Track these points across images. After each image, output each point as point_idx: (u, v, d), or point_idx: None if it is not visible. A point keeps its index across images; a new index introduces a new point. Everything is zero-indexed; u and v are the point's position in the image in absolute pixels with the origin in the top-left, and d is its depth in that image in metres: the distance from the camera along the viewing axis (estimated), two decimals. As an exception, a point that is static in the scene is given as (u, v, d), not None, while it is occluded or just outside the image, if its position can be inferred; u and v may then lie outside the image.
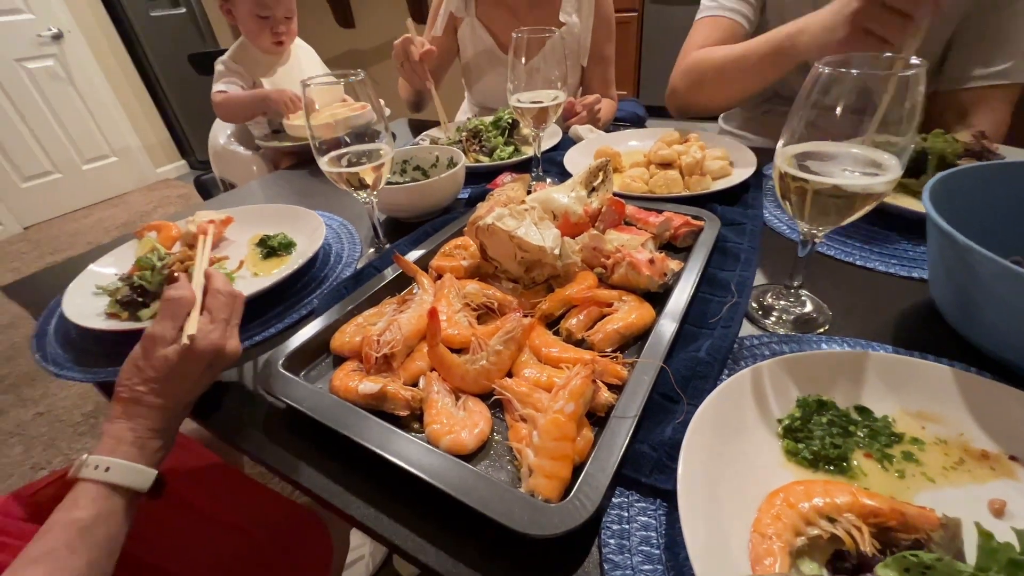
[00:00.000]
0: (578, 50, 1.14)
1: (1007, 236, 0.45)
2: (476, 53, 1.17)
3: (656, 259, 0.50)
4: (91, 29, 3.11)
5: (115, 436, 0.37)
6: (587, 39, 1.13)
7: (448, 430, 0.37)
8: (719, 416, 0.34)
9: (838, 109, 0.36)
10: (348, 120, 0.56)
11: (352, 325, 0.47)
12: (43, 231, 3.01)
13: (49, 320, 0.58)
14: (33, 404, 1.66)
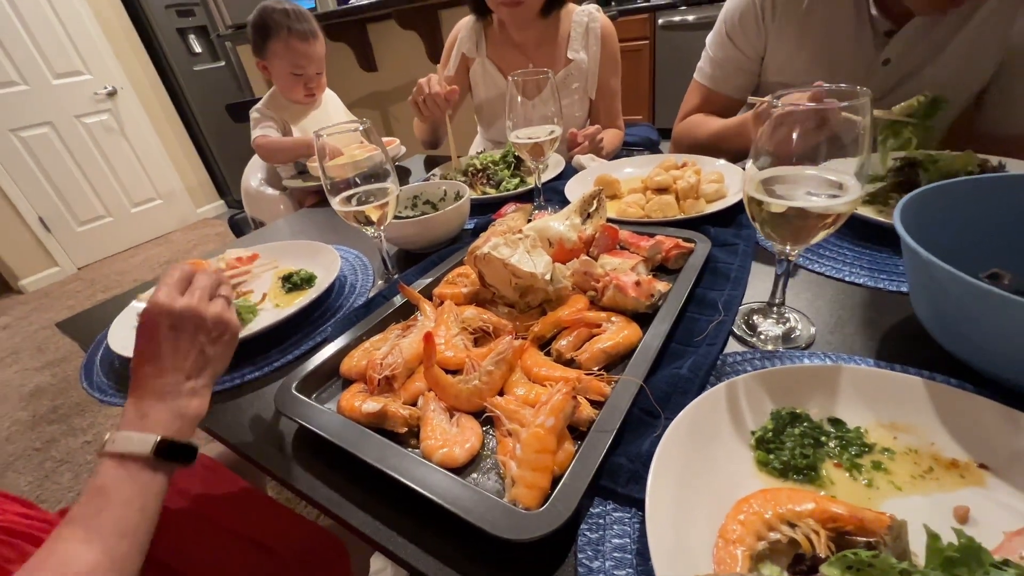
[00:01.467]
0: (586, 84, 1.20)
1: (985, 249, 0.46)
2: (488, 96, 1.24)
3: (643, 281, 0.52)
4: (141, 85, 3.40)
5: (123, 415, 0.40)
6: (595, 74, 1.19)
7: (441, 445, 0.40)
8: (693, 428, 0.36)
9: (795, 138, 0.39)
10: (358, 162, 0.62)
11: (360, 350, 0.52)
12: (95, 270, 3.23)
13: (96, 352, 0.65)
14: (82, 433, 1.77)
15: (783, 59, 0.88)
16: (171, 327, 0.41)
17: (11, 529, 0.52)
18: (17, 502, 0.56)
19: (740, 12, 0.90)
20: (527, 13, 1.07)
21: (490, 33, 1.21)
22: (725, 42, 0.93)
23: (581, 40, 1.16)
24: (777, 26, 0.86)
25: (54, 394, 2.01)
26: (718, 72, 0.95)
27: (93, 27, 3.11)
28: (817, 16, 0.82)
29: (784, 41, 0.87)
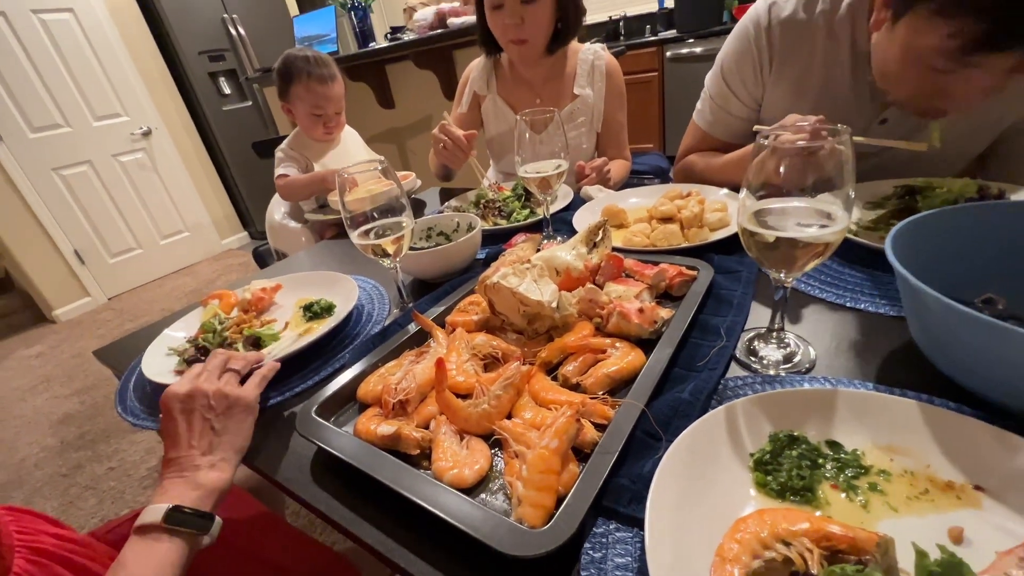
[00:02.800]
0: (592, 117, 1.25)
1: (981, 274, 0.47)
2: (499, 130, 1.30)
3: (646, 308, 0.54)
4: (174, 124, 3.60)
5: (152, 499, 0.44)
6: (600, 108, 1.24)
7: (452, 466, 0.42)
8: (693, 450, 0.38)
9: (783, 171, 0.41)
10: (375, 196, 0.66)
11: (375, 376, 0.54)
12: (124, 300, 3.36)
13: (130, 378, 0.69)
14: (107, 459, 1.82)
15: (779, 111, 0.85)
16: (181, 409, 0.47)
17: (41, 549, 0.54)
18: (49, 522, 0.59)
19: (738, 57, 0.88)
20: (533, 50, 1.13)
21: (500, 72, 1.27)
22: (723, 86, 0.93)
23: (587, 77, 1.21)
24: (775, 78, 0.86)
25: (82, 420, 2.07)
26: (716, 116, 0.96)
27: (132, 72, 3.33)
28: (815, 75, 0.82)
29: (781, 94, 0.86)
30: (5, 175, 2.88)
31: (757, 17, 0.85)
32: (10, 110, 2.87)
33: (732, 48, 0.90)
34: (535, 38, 1.10)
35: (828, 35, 0.78)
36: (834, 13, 0.77)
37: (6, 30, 2.81)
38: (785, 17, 0.81)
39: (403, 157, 2.76)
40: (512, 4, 1.05)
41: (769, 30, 0.83)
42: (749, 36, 0.86)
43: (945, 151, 0.79)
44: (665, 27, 3.88)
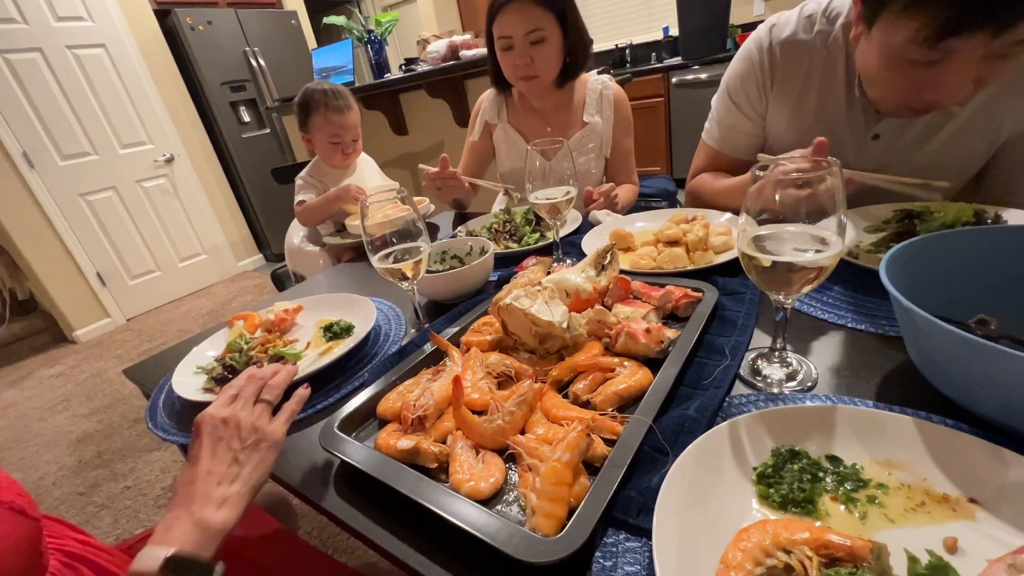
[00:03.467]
0: (601, 144, 1.29)
1: (974, 296, 0.49)
2: (511, 158, 1.34)
3: (652, 328, 0.57)
4: (195, 151, 3.73)
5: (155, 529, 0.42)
6: (609, 135, 1.28)
7: (468, 479, 0.44)
8: (698, 464, 0.40)
9: (777, 200, 0.44)
10: (393, 221, 0.70)
11: (395, 393, 0.57)
12: (142, 321, 3.43)
13: (159, 395, 0.72)
14: (123, 478, 1.84)
15: (782, 126, 0.92)
16: (210, 433, 0.46)
17: (72, 552, 0.56)
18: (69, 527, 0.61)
19: (742, 77, 0.93)
20: (542, 85, 1.19)
21: (510, 103, 1.33)
22: (729, 105, 0.97)
23: (596, 106, 1.26)
24: (776, 96, 0.91)
25: (100, 439, 2.11)
26: (724, 134, 1.00)
27: (157, 102, 3.48)
28: (812, 93, 0.86)
29: (782, 111, 0.91)
30: (34, 200, 3.00)
31: (759, 38, 0.90)
32: (42, 139, 3.01)
33: (736, 68, 0.95)
34: (545, 74, 1.16)
35: (825, 54, 0.83)
36: (829, 33, 0.82)
37: (42, 65, 2.97)
38: (784, 37, 0.86)
39: (416, 182, 2.84)
40: (522, 46, 1.11)
41: (770, 50, 0.88)
42: (752, 56, 0.91)
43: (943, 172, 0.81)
44: (670, 54, 3.98)
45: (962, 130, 0.80)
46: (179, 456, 1.88)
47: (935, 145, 0.82)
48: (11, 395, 2.69)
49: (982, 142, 0.82)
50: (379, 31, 2.46)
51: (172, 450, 1.94)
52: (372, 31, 2.47)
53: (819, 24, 0.83)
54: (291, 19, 4.08)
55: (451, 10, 5.00)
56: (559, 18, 1.11)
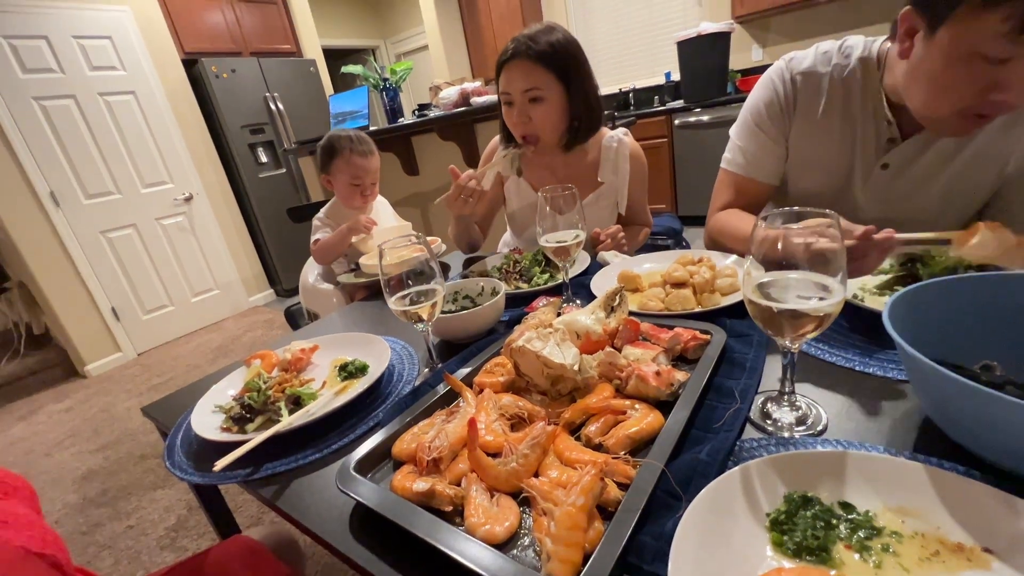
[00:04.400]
0: (615, 202, 1.30)
1: (979, 341, 0.51)
2: (521, 207, 1.35)
3: (663, 371, 0.58)
4: (213, 190, 3.87)
5: None
6: (624, 191, 1.29)
7: (484, 523, 0.44)
8: (712, 509, 0.40)
9: (780, 250, 0.46)
10: (408, 261, 0.73)
11: (409, 434, 0.58)
12: (152, 356, 3.46)
13: (177, 434, 0.73)
14: (126, 517, 1.82)
15: (804, 151, 0.94)
16: None
17: None
18: None
19: (765, 103, 0.96)
20: (543, 144, 1.19)
21: (523, 157, 1.30)
22: (753, 130, 0.98)
23: (611, 165, 1.26)
24: (798, 121, 0.94)
25: (104, 477, 2.09)
26: (749, 159, 1.00)
27: (180, 144, 3.64)
28: (830, 123, 0.90)
29: (803, 135, 0.93)
30: (57, 238, 3.10)
31: (779, 69, 0.95)
32: (70, 179, 3.14)
33: (759, 95, 0.98)
34: (544, 135, 1.17)
35: (841, 86, 0.87)
36: (846, 67, 0.87)
37: (75, 111, 3.14)
38: (803, 69, 0.91)
39: (426, 220, 2.91)
40: (521, 103, 1.13)
41: (792, 79, 0.92)
42: (774, 84, 0.95)
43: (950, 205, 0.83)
44: (672, 97, 4.12)
45: (971, 162, 0.83)
46: (183, 495, 1.87)
47: (943, 177, 0.85)
48: (20, 430, 2.70)
49: (990, 175, 0.84)
50: (394, 79, 2.59)
51: (177, 488, 1.92)
52: (387, 79, 2.60)
53: (835, 58, 0.88)
54: (310, 67, 4.31)
55: (462, 59, 5.25)
56: (561, 79, 1.11)
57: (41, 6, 2.99)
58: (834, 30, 3.49)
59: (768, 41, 3.81)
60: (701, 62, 3.49)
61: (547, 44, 1.08)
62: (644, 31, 4.43)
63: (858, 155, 0.89)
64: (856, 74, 0.86)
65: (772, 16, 3.66)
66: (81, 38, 3.14)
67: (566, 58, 1.10)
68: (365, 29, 6.16)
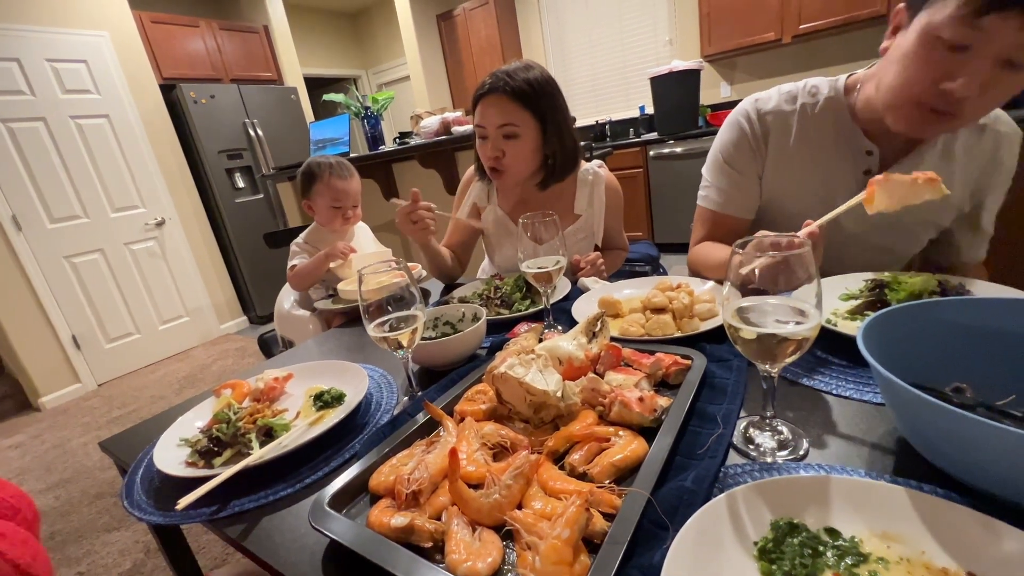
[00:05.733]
0: (592, 233, 1.32)
1: (949, 363, 0.52)
2: (498, 236, 1.35)
3: (646, 397, 0.58)
4: (187, 215, 3.79)
5: None
6: (600, 224, 1.31)
7: (465, 559, 0.42)
8: (699, 539, 0.39)
9: (757, 274, 0.47)
10: (389, 287, 0.71)
11: (387, 466, 0.56)
12: (114, 387, 3.30)
13: (137, 470, 0.69)
14: (76, 562, 1.69)
15: (779, 186, 0.97)
16: None
17: None
18: None
19: (735, 144, 0.98)
20: (511, 181, 1.20)
21: (500, 187, 1.33)
22: (725, 169, 1.01)
23: (587, 198, 1.28)
24: (771, 159, 0.96)
25: (55, 518, 1.95)
26: (723, 196, 1.02)
27: (154, 168, 3.57)
28: (804, 154, 0.93)
29: (777, 170, 0.96)
30: (17, 263, 2.97)
31: (745, 110, 0.97)
32: (34, 203, 3.04)
33: (727, 137, 1.00)
34: (513, 171, 1.17)
35: (811, 123, 0.91)
36: (815, 104, 0.91)
37: (44, 134, 3.07)
38: (770, 108, 0.95)
39: (406, 246, 2.90)
40: (494, 137, 1.13)
41: (759, 119, 0.95)
42: (741, 125, 0.97)
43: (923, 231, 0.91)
44: (647, 130, 4.27)
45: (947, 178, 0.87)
46: (143, 536, 1.75)
47: None
48: (-38, 468, 2.50)
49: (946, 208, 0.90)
50: (376, 108, 2.62)
51: (134, 529, 1.80)
52: (369, 107, 2.63)
53: (801, 97, 0.92)
54: (291, 94, 4.33)
55: (443, 89, 5.37)
56: (536, 117, 1.12)
57: (14, 29, 2.94)
58: (796, 69, 3.71)
59: (735, 79, 4.02)
60: (673, 97, 3.64)
61: (524, 81, 1.09)
62: (619, 66, 4.62)
63: (835, 187, 0.92)
64: (827, 111, 0.90)
65: (739, 56, 3.87)
66: (55, 61, 3.10)
67: (542, 96, 1.11)
68: (347, 59, 6.26)
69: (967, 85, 0.66)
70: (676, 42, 4.20)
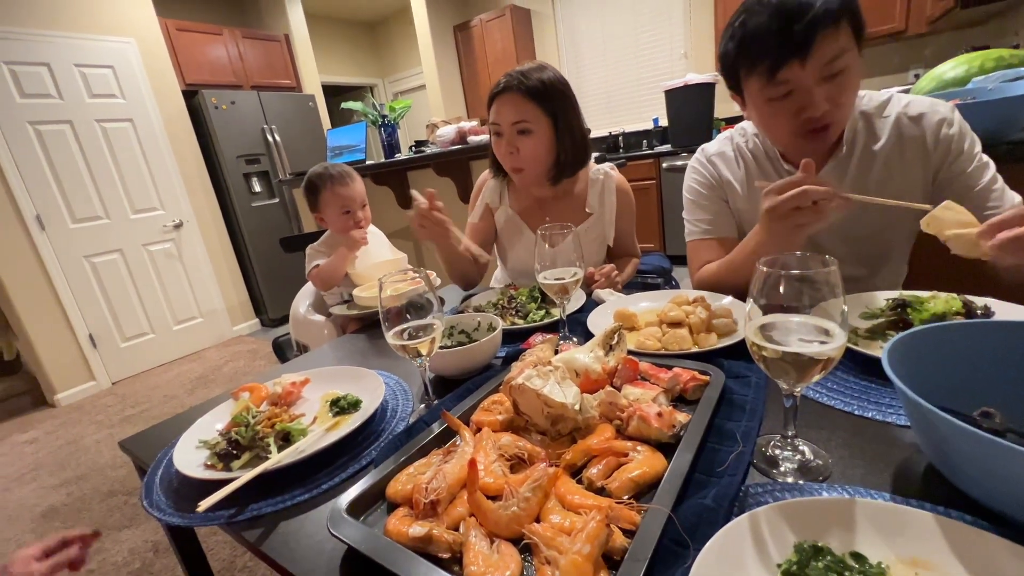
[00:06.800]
0: (604, 232, 1.33)
1: (975, 386, 0.51)
2: (512, 240, 1.37)
3: (664, 412, 0.57)
4: (204, 217, 3.85)
5: None
6: (611, 223, 1.33)
7: (483, 571, 0.42)
8: (721, 559, 0.39)
9: (781, 291, 0.47)
10: (407, 294, 0.72)
11: (405, 474, 0.56)
12: (127, 385, 3.34)
13: (156, 470, 0.70)
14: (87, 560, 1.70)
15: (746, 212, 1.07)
16: None
17: None
18: None
19: (699, 183, 1.10)
20: (529, 177, 1.23)
21: (512, 188, 1.36)
22: (700, 204, 1.10)
23: (598, 197, 1.31)
24: (729, 190, 1.07)
25: (67, 515, 1.97)
26: (707, 225, 1.10)
27: (174, 172, 3.64)
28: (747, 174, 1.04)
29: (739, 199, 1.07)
30: (39, 261, 3.04)
31: (696, 159, 1.12)
32: (58, 203, 3.11)
33: (689, 182, 1.13)
34: (530, 167, 1.20)
35: (750, 155, 1.04)
36: (746, 141, 1.05)
37: (70, 137, 3.15)
38: (714, 152, 1.09)
39: (418, 253, 2.92)
40: (509, 134, 1.17)
41: (708, 162, 1.10)
42: (697, 170, 1.11)
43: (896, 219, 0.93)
44: (660, 142, 4.28)
45: (883, 187, 0.92)
46: (152, 535, 1.76)
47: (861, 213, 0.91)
48: (-21, 462, 2.55)
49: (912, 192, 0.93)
50: (392, 116, 2.65)
51: (143, 528, 1.81)
52: (386, 116, 2.66)
53: (736, 138, 1.07)
54: (308, 101, 4.40)
55: (458, 99, 5.43)
56: (549, 114, 1.15)
57: (45, 35, 3.04)
58: (812, 85, 3.68)
59: (750, 93, 4.01)
60: (688, 110, 3.65)
61: (538, 80, 1.13)
62: (633, 79, 4.65)
63: None
64: (756, 146, 1.04)
65: (754, 70, 3.86)
66: (83, 66, 3.19)
67: (555, 95, 1.15)
68: (364, 68, 6.36)
69: (815, 108, 0.81)
70: (691, 56, 4.21)
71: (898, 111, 0.92)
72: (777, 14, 0.77)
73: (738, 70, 0.87)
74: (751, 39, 0.81)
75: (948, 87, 1.46)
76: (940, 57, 1.63)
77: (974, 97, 1.27)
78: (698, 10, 4.07)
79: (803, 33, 0.76)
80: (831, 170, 0.94)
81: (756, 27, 0.80)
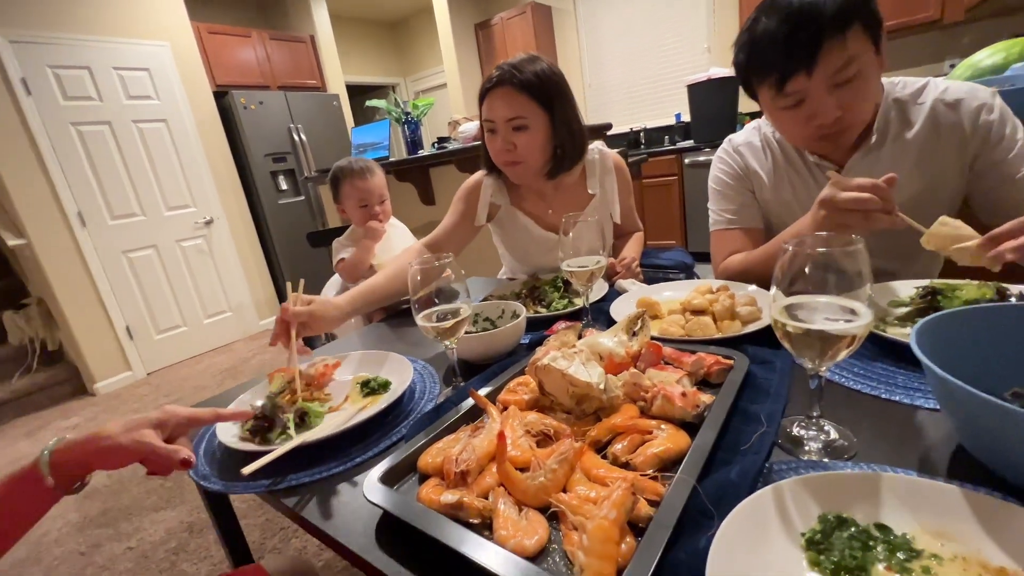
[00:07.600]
0: (609, 211, 1.32)
1: (1003, 371, 0.51)
2: (517, 236, 1.34)
3: (688, 393, 0.58)
4: (233, 214, 3.97)
5: None
6: (615, 201, 1.31)
7: (513, 535, 0.44)
8: (745, 527, 0.40)
9: (807, 272, 0.47)
10: (438, 282, 0.75)
11: (435, 448, 0.58)
12: (161, 376, 3.47)
13: (200, 443, 0.74)
14: (126, 538, 1.79)
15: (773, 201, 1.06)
16: None
17: None
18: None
19: (725, 173, 1.10)
20: (526, 172, 1.18)
21: (511, 184, 1.30)
22: (725, 194, 1.10)
23: (597, 176, 1.28)
24: (755, 178, 1.06)
25: (107, 496, 2.07)
26: (732, 215, 1.09)
27: (205, 170, 3.76)
28: (780, 170, 1.03)
29: (765, 189, 1.06)
30: (81, 256, 3.18)
31: (723, 149, 1.12)
32: (98, 201, 3.25)
33: (716, 171, 1.12)
34: (528, 161, 1.15)
35: (777, 145, 1.03)
36: (773, 133, 1.03)
37: (108, 137, 3.28)
38: (741, 142, 1.09)
39: (439, 248, 2.96)
40: (504, 130, 1.11)
41: (734, 149, 1.09)
42: (723, 159, 1.11)
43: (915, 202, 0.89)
44: (682, 137, 4.23)
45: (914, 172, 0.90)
46: (186, 517, 1.84)
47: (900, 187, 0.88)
48: (24, 446, 2.69)
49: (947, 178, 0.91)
50: (416, 113, 2.70)
51: (179, 509, 1.89)
52: (409, 113, 2.70)
53: (763, 129, 1.06)
54: (333, 101, 4.49)
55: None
56: (545, 108, 1.10)
57: (87, 39, 3.18)
58: (841, 77, 3.59)
59: (776, 86, 3.93)
60: (710, 104, 3.60)
61: (531, 73, 1.08)
62: (655, 74, 4.60)
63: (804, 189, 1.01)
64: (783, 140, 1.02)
65: (780, 63, 3.79)
66: (121, 69, 3.32)
67: (550, 87, 1.10)
68: (387, 67, 6.45)
69: (826, 115, 0.82)
70: (714, 50, 4.15)
71: (935, 97, 0.89)
72: (786, 19, 0.77)
73: (751, 79, 0.88)
74: (759, 50, 0.83)
75: (985, 75, 1.42)
76: (978, 46, 1.56)
77: (1012, 84, 1.23)
78: (722, 2, 4.00)
79: (808, 44, 0.76)
80: (859, 160, 0.92)
81: (764, 35, 0.80)
